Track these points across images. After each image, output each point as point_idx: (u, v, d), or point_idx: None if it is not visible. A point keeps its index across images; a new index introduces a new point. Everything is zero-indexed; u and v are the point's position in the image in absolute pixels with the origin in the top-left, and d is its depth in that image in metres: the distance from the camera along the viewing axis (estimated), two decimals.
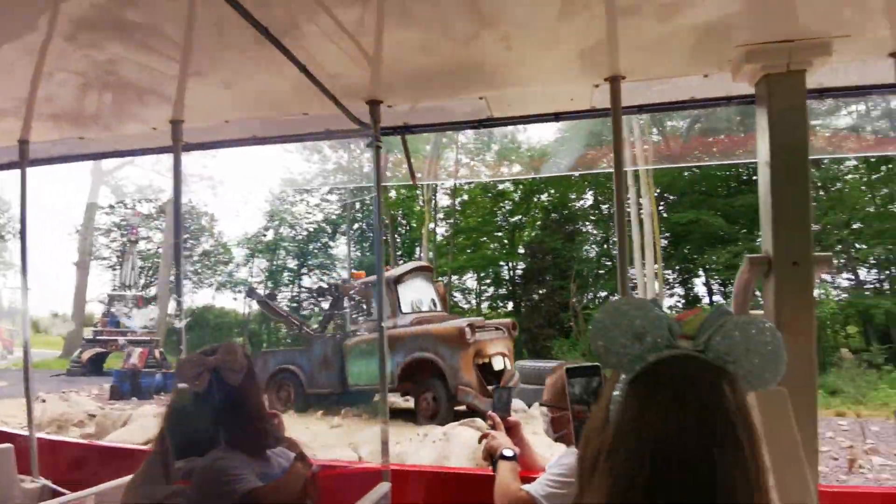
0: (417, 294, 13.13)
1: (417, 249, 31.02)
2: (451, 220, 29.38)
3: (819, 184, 23.35)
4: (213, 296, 32.31)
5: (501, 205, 29.54)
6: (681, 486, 0.66)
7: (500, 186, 29.51)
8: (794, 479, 1.47)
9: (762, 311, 1.85)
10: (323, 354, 12.60)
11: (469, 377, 10.30)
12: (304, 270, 31.07)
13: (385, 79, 2.09)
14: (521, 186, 29.04)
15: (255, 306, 30.99)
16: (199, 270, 31.90)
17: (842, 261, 22.51)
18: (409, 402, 12.78)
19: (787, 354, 1.81)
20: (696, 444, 0.67)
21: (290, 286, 30.51)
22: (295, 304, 27.67)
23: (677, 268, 25.81)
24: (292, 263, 31.27)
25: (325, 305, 16.76)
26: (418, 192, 29.81)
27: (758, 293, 1.90)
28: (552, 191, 28.48)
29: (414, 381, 11.16)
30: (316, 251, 31.22)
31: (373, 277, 13.09)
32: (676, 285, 26.10)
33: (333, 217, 31.69)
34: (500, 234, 29.53)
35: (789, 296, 1.72)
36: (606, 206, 28.62)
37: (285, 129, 2.69)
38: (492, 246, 29.17)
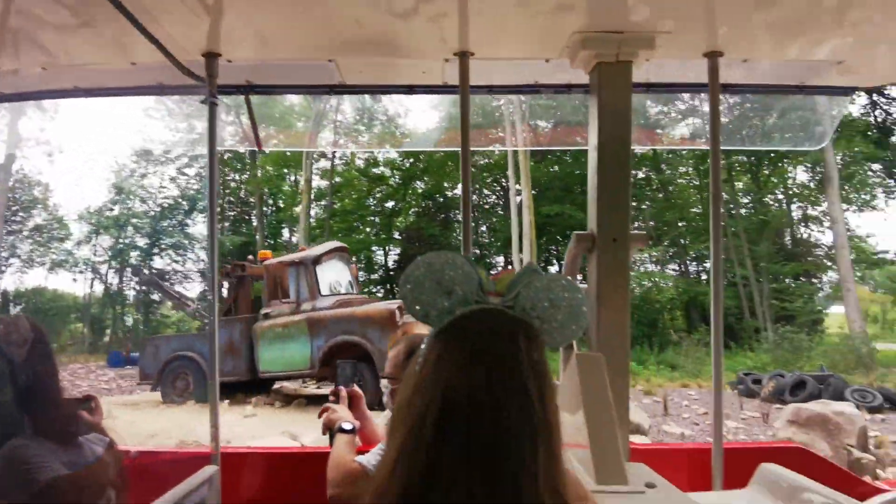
0: (335, 275, 12.64)
1: (284, 231, 29.82)
2: (324, 202, 28.59)
3: (655, 186, 26.23)
4: (45, 276, 28.65)
5: (378, 189, 29.36)
6: (467, 429, 0.67)
7: (377, 170, 29.32)
8: (607, 435, 1.60)
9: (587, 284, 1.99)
10: (228, 339, 11.56)
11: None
12: (156, 250, 28.56)
13: (224, 29, 1.92)
14: (398, 171, 29.09)
15: (98, 288, 28.00)
16: (30, 248, 28.05)
17: (669, 255, 25.55)
18: (321, 389, 12.48)
19: (604, 323, 1.95)
20: (484, 392, 0.69)
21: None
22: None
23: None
24: (142, 242, 28.59)
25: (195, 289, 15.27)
26: (286, 171, 28.61)
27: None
28: (427, 178, 28.87)
29: (336, 365, 10.50)
30: (171, 229, 28.78)
31: (289, 257, 12.52)
32: None
33: (192, 192, 29.42)
34: (375, 218, 29.36)
35: (608, 269, 1.86)
36: (475, 196, 29.74)
37: (112, 81, 2.39)
38: (366, 230, 28.91)
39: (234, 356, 11.61)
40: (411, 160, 28.22)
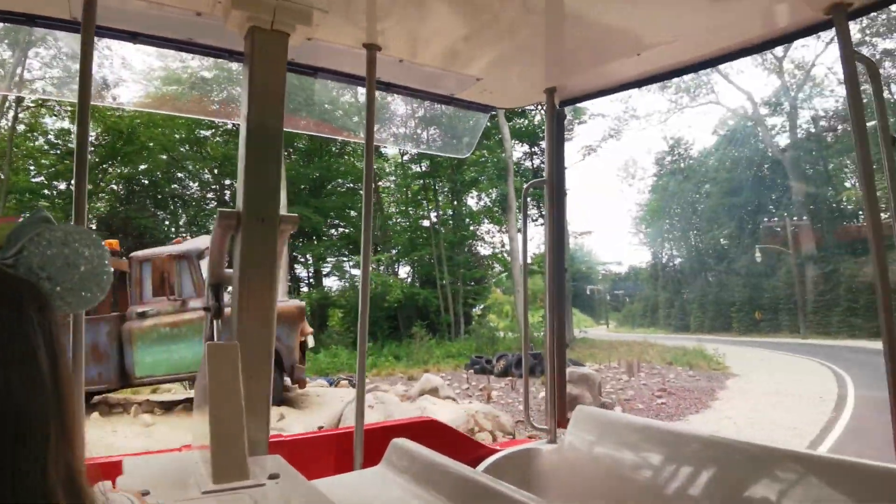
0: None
1: None
2: None
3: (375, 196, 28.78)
4: None
5: (67, 163, 24.12)
6: None
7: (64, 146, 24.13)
8: (231, 429, 1.42)
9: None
10: (93, 343, 9.43)
11: (296, 355, 10.14)
12: None
13: None
14: (95, 149, 24.47)
15: None
16: None
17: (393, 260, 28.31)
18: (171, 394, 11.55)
19: (247, 308, 1.76)
20: None
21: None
22: None
23: None
24: None
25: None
26: None
27: None
28: (136, 158, 25.07)
29: None
30: None
31: (168, 249, 10.79)
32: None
33: None
34: (62, 201, 24.11)
35: (255, 250, 1.68)
36: (177, 185, 27.25)
37: None
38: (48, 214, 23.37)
39: (101, 362, 9.58)
40: (108, 136, 24.04)
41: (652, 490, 1.90)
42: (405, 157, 28.38)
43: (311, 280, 27.90)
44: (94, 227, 24.32)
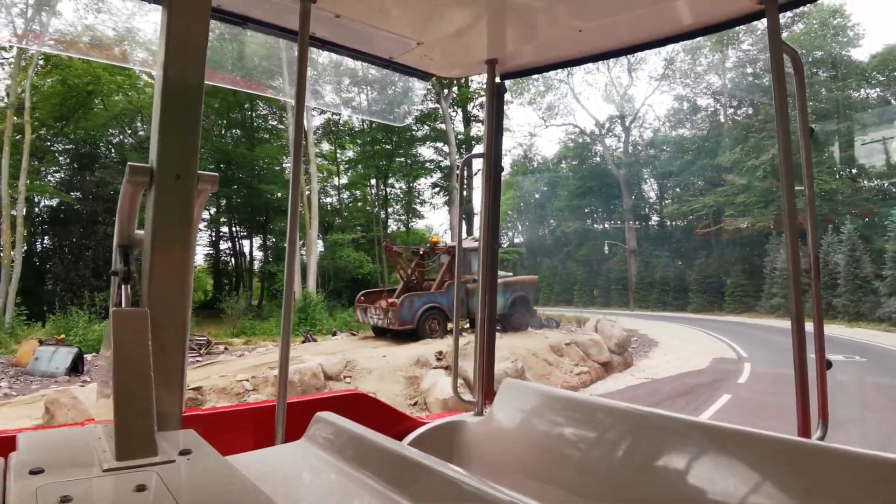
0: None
1: None
2: None
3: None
4: None
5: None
6: None
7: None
8: (137, 402, 1.30)
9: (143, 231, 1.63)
10: (461, 296, 16.86)
11: (532, 305, 20.87)
12: None
13: None
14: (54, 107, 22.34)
15: None
16: None
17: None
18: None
19: (159, 272, 1.62)
20: None
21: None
22: None
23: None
24: None
25: None
26: None
27: None
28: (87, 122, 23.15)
29: (509, 308, 18.87)
30: None
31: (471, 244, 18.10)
32: None
33: None
34: None
35: (170, 210, 1.52)
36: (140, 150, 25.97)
37: None
38: None
39: (462, 306, 17.13)
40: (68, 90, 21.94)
41: (573, 460, 1.93)
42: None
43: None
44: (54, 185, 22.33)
